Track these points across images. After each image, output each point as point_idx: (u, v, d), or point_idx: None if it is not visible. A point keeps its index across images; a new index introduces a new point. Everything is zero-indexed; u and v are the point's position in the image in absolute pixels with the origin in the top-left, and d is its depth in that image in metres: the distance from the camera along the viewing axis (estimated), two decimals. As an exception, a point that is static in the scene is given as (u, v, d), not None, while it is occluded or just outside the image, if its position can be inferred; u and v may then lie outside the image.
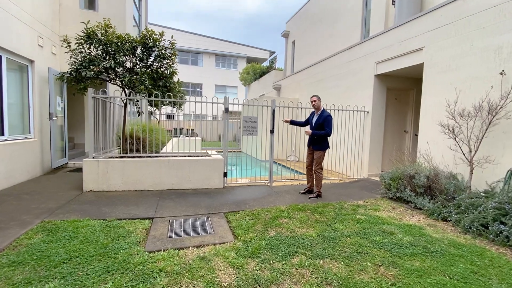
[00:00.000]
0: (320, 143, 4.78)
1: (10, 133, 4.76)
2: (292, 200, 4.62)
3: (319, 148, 4.78)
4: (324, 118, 4.72)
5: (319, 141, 4.77)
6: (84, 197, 4.29)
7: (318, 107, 4.83)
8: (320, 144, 4.78)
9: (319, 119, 4.75)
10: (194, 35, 25.68)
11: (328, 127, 4.70)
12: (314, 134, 4.73)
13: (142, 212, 3.78)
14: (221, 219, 3.68)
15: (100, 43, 4.68)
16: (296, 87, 10.63)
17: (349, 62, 7.23)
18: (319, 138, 4.76)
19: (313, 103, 4.85)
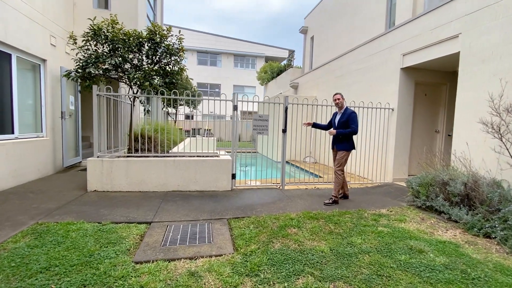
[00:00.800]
0: (345, 143, 4.36)
1: (20, 131, 4.79)
2: (304, 206, 4.18)
3: (343, 148, 4.36)
4: (348, 115, 4.32)
5: (343, 141, 4.36)
6: (87, 198, 4.16)
7: (341, 106, 4.44)
8: (344, 144, 4.37)
9: (343, 117, 4.35)
10: (213, 35, 25.81)
11: (354, 124, 4.28)
12: (339, 133, 4.32)
13: (141, 215, 3.55)
14: (223, 226, 3.35)
15: (107, 40, 4.56)
16: (314, 85, 10.10)
17: (371, 55, 6.61)
18: (344, 138, 4.35)
19: (336, 101, 4.43)
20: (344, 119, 4.35)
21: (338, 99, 4.42)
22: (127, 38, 4.66)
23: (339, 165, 4.38)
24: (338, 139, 4.42)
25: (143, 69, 4.82)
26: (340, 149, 4.39)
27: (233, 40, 26.24)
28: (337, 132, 4.34)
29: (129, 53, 4.67)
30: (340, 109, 4.48)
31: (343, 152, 4.37)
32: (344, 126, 4.35)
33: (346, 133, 4.30)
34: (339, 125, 4.41)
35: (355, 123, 4.29)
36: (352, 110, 4.40)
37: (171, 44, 5.06)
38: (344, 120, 4.34)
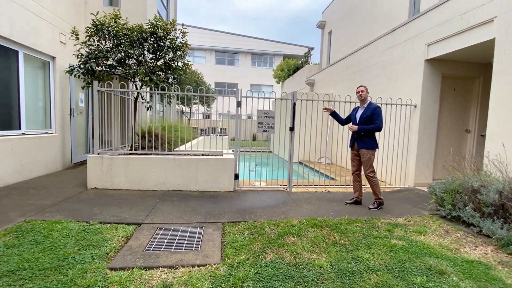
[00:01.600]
0: (368, 140, 3.96)
1: (27, 127, 4.85)
2: (310, 211, 3.80)
3: (365, 147, 3.96)
4: (373, 110, 3.93)
5: (366, 138, 3.96)
6: (84, 195, 4.09)
7: (365, 99, 4.04)
8: (367, 141, 3.96)
9: (366, 112, 3.96)
10: (230, 35, 25.79)
11: (379, 119, 3.89)
12: (362, 129, 3.92)
13: (133, 215, 3.38)
14: (216, 230, 3.08)
15: (109, 35, 4.47)
16: (330, 81, 9.57)
17: (392, 47, 6.03)
18: (367, 135, 3.95)
19: (360, 94, 4.04)
20: (368, 113, 3.94)
21: (362, 91, 4.01)
22: (130, 33, 4.55)
23: (368, 166, 3.97)
24: (360, 136, 4.01)
25: (145, 64, 4.69)
26: (363, 147, 3.98)
27: (251, 39, 26.03)
28: (359, 127, 3.94)
29: (132, 48, 4.55)
30: (362, 103, 4.07)
31: (367, 152, 3.96)
32: (367, 121, 3.94)
33: (369, 129, 3.89)
34: (361, 120, 4.00)
35: (379, 118, 3.88)
36: (376, 105, 3.99)
37: (174, 38, 4.88)
38: (368, 114, 3.93)
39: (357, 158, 4.14)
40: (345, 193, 4.90)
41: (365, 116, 3.97)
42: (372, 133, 3.97)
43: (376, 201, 4.03)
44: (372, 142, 3.97)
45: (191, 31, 20.54)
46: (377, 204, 4.00)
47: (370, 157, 3.96)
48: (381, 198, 4.03)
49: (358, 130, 3.96)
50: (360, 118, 4.03)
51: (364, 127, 3.93)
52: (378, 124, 3.88)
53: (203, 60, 25.44)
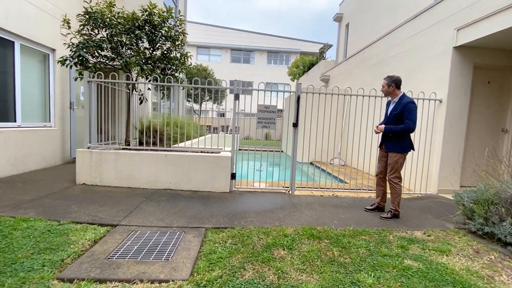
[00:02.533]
0: (396, 142, 3.39)
1: (23, 120, 4.76)
2: (311, 218, 3.31)
3: (395, 149, 3.38)
4: (403, 105, 3.31)
5: (396, 140, 3.39)
6: (70, 191, 3.88)
7: (392, 93, 3.45)
8: (395, 143, 3.39)
9: (396, 108, 3.38)
10: (246, 32, 25.49)
11: (410, 118, 3.27)
12: (388, 131, 3.38)
13: (111, 215, 3.09)
14: (197, 238, 2.69)
15: (103, 23, 4.24)
16: (346, 77, 8.90)
17: (414, 35, 5.34)
18: (395, 136, 3.38)
19: (382, 89, 3.51)
20: (397, 110, 3.34)
21: (382, 85, 3.48)
22: (125, 21, 4.30)
23: (393, 171, 3.39)
24: (388, 137, 3.45)
25: (140, 54, 4.42)
26: (392, 150, 3.41)
27: (267, 36, 25.56)
28: (386, 128, 3.39)
29: (125, 38, 4.29)
30: (393, 97, 3.47)
31: (397, 155, 3.37)
32: (397, 120, 3.35)
33: (398, 131, 3.30)
34: (391, 117, 3.43)
35: (412, 116, 3.27)
36: (410, 99, 3.36)
37: (171, 27, 4.57)
38: (398, 112, 3.33)
39: (384, 160, 3.56)
40: (355, 198, 4.34)
41: (395, 113, 3.36)
42: (402, 135, 3.36)
43: (391, 211, 3.46)
44: (401, 145, 3.37)
45: (207, 29, 20.61)
46: (391, 215, 3.44)
47: (398, 161, 3.36)
48: (398, 211, 3.46)
49: (385, 132, 3.40)
50: (390, 115, 3.45)
51: (391, 128, 3.34)
52: (409, 124, 3.24)
53: (218, 58, 25.36)
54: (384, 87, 3.47)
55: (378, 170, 3.66)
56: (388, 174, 3.46)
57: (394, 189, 3.42)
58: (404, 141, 3.39)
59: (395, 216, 3.45)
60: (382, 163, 3.61)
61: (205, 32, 25.05)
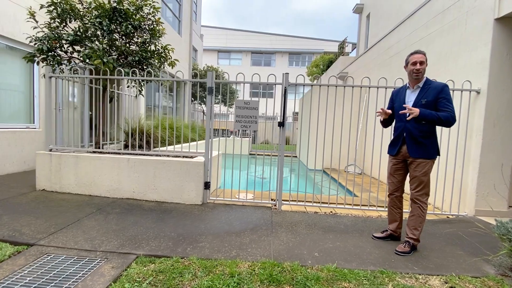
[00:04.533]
0: (428, 144, 2.39)
1: (1, 121, 4.55)
2: (284, 247, 2.48)
3: (426, 154, 2.39)
4: (439, 90, 2.35)
5: (426, 141, 2.39)
6: (20, 198, 3.47)
7: (419, 74, 2.40)
8: (427, 146, 2.39)
9: (427, 95, 2.38)
10: (267, 35, 24.96)
11: (450, 107, 2.33)
12: (426, 115, 2.29)
13: (36, 231, 2.56)
14: (115, 269, 2.03)
15: (69, 15, 3.87)
16: (364, 72, 7.79)
17: (443, 11, 4.24)
18: (428, 133, 2.39)
19: (418, 69, 2.38)
20: (430, 97, 2.35)
21: (421, 62, 2.37)
22: (91, 10, 3.88)
23: (421, 186, 2.41)
24: (412, 137, 2.40)
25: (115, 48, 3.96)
26: (420, 155, 2.39)
27: (289, 38, 24.76)
28: (421, 112, 2.28)
29: (91, 28, 3.86)
30: (416, 82, 2.45)
31: (426, 163, 2.39)
32: (430, 108, 2.36)
33: (440, 119, 2.29)
34: (420, 107, 2.38)
35: (451, 105, 2.35)
36: (444, 84, 2.41)
37: (144, 15, 4.07)
38: (430, 99, 2.35)
39: (401, 172, 2.58)
40: (359, 218, 3.38)
41: (424, 101, 2.37)
42: (432, 131, 2.41)
43: (410, 242, 2.47)
44: (434, 146, 2.43)
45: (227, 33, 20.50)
46: (410, 246, 2.45)
47: (428, 172, 2.40)
48: (419, 240, 2.50)
49: (420, 117, 2.29)
50: (414, 106, 2.40)
51: (431, 113, 2.30)
52: (452, 112, 2.32)
53: (239, 62, 25.10)
54: (423, 64, 2.37)
55: (393, 187, 2.63)
56: (414, 191, 2.45)
57: (421, 211, 2.43)
58: (434, 140, 2.43)
59: (413, 248, 2.48)
60: (398, 176, 2.59)
61: (225, 37, 25.01)
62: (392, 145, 2.60)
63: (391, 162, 2.62)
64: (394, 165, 2.59)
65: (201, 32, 15.64)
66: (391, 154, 2.60)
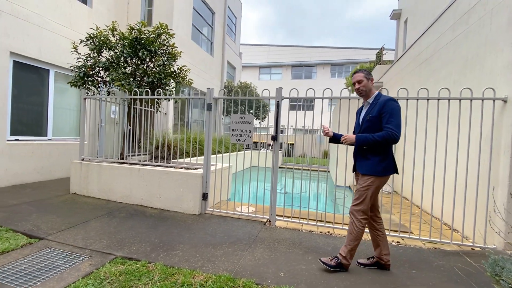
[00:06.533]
0: (371, 158, 2.32)
1: (54, 134, 5.57)
2: (252, 263, 2.45)
3: (367, 171, 2.33)
4: (381, 105, 2.28)
5: (370, 156, 2.34)
6: (54, 199, 4.14)
7: (367, 92, 2.40)
8: (371, 161, 2.32)
9: (371, 111, 2.35)
10: (307, 48, 24.92)
11: (392, 121, 2.22)
12: (363, 141, 2.31)
13: (51, 228, 3.05)
14: (92, 267, 2.30)
15: (104, 46, 4.62)
16: (397, 81, 7.19)
17: (468, 11, 3.73)
18: (371, 149, 2.33)
19: (357, 87, 2.40)
20: (374, 113, 2.31)
21: (359, 81, 2.38)
22: (120, 40, 4.57)
23: (359, 200, 2.31)
24: (361, 151, 2.40)
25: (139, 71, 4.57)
26: (363, 171, 2.36)
27: (330, 49, 24.25)
28: (358, 138, 2.32)
29: (121, 57, 4.53)
30: (365, 98, 2.43)
31: (367, 178, 2.31)
32: (374, 125, 2.31)
33: (376, 141, 2.24)
34: (365, 125, 2.38)
35: (394, 119, 2.23)
36: (390, 97, 2.33)
37: (162, 43, 4.60)
38: (374, 115, 2.30)
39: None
40: (361, 242, 3.08)
41: (369, 117, 2.33)
42: (380, 147, 2.29)
43: (337, 258, 2.34)
44: (380, 163, 2.29)
45: (268, 49, 21.21)
46: (336, 263, 2.32)
47: (369, 187, 2.28)
48: (347, 260, 2.33)
49: (358, 143, 2.34)
50: (362, 121, 2.42)
51: (366, 138, 2.28)
52: (390, 129, 2.19)
53: (279, 76, 25.48)
54: (362, 82, 2.36)
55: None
56: (352, 204, 2.36)
57: (353, 227, 2.31)
58: (382, 159, 2.28)
59: (340, 267, 2.32)
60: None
61: (267, 53, 25.81)
62: (354, 162, 2.55)
63: (355, 178, 2.56)
64: (356, 180, 2.52)
65: (240, 51, 16.49)
66: (353, 171, 2.58)
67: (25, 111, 5.09)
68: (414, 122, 3.29)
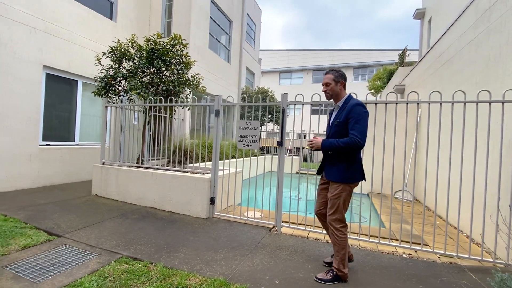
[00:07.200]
0: (338, 165, 2.31)
1: (81, 140, 6.02)
2: (250, 269, 2.47)
3: (336, 178, 2.31)
4: (348, 111, 2.26)
5: (337, 162, 2.33)
6: (76, 200, 4.45)
7: (336, 95, 2.41)
8: (338, 168, 2.31)
9: (339, 115, 2.33)
10: (328, 51, 24.51)
11: (357, 127, 2.18)
12: (327, 146, 2.29)
13: (69, 226, 3.29)
14: (99, 264, 2.45)
15: (124, 57, 4.94)
16: (419, 84, 6.84)
17: (490, 8, 3.48)
18: (338, 156, 2.32)
19: (324, 90, 2.45)
20: (341, 118, 2.29)
21: (326, 84, 2.41)
22: (138, 53, 4.87)
23: (333, 210, 2.31)
24: (328, 157, 2.41)
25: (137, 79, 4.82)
26: (331, 178, 2.35)
27: (353, 52, 23.64)
28: (324, 143, 2.31)
29: (138, 67, 4.81)
30: (335, 101, 2.44)
31: (337, 186, 2.30)
32: (341, 130, 2.29)
33: (340, 147, 2.21)
34: (333, 129, 2.39)
35: (360, 125, 2.18)
36: (358, 101, 2.30)
37: (175, 52, 4.82)
38: (342, 120, 2.28)
39: (323, 193, 2.52)
40: (362, 251, 2.98)
41: (337, 122, 2.33)
42: (347, 154, 2.26)
43: (332, 271, 2.28)
44: (348, 170, 2.27)
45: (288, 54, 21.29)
46: (332, 276, 2.26)
47: (340, 195, 2.27)
48: (342, 272, 2.25)
49: (323, 148, 2.31)
50: (331, 125, 2.45)
51: (331, 143, 2.26)
52: (355, 136, 2.15)
53: (300, 80, 25.30)
54: (329, 85, 2.37)
55: (318, 207, 2.58)
56: (328, 215, 2.37)
57: (336, 237, 2.28)
58: (350, 165, 2.27)
59: (338, 279, 2.25)
60: (321, 196, 2.55)
61: (287, 58, 25.80)
62: (321, 165, 2.57)
63: (320, 181, 2.61)
64: (321, 184, 2.58)
65: (260, 57, 16.67)
66: (317, 173, 2.64)
67: (55, 118, 5.58)
68: (437, 126, 3.11)
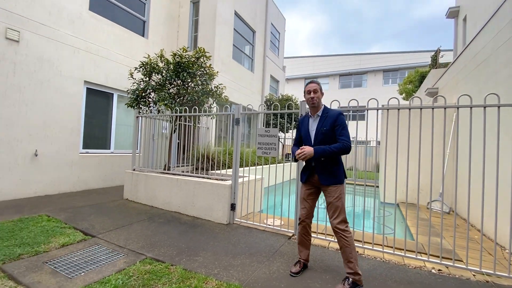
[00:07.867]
0: (334, 169, 2.46)
1: (116, 148, 6.52)
2: (266, 276, 2.49)
3: (334, 181, 2.44)
4: (334, 118, 2.45)
5: (331, 166, 2.46)
6: (109, 204, 4.81)
7: (318, 104, 2.56)
8: (333, 171, 2.46)
9: (326, 124, 2.47)
10: (355, 55, 23.85)
11: (344, 135, 2.41)
12: (321, 153, 2.37)
13: (102, 228, 3.59)
14: (126, 264, 2.63)
15: (153, 71, 5.33)
16: (453, 86, 6.40)
17: (530, 3, 3.21)
18: (331, 160, 2.45)
19: (311, 98, 2.51)
20: (327, 126, 2.45)
21: (315, 91, 2.52)
22: (166, 66, 5.22)
23: (337, 213, 2.40)
24: (321, 163, 2.48)
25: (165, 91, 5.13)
26: (329, 182, 2.45)
27: (382, 55, 22.75)
28: (317, 151, 2.36)
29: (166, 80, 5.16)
30: (315, 110, 2.58)
31: (338, 188, 2.43)
32: (328, 139, 2.46)
33: (334, 152, 2.37)
34: (320, 138, 2.49)
35: (347, 131, 2.45)
36: (339, 111, 2.50)
37: (200, 65, 5.09)
38: (328, 128, 2.45)
39: (311, 197, 2.60)
40: (385, 263, 2.85)
41: (324, 130, 2.46)
42: (337, 158, 2.50)
43: (349, 279, 2.26)
44: (340, 172, 2.48)
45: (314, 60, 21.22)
46: (351, 284, 2.23)
47: (341, 197, 2.41)
48: (359, 273, 2.29)
49: (317, 155, 2.37)
50: (317, 133, 2.51)
51: (324, 150, 2.37)
52: (345, 141, 2.38)
53: (326, 86, 24.85)
54: (317, 93, 2.52)
55: (306, 213, 2.61)
56: (332, 220, 2.42)
57: (345, 240, 2.33)
58: (340, 167, 2.48)
59: (356, 285, 2.24)
60: (309, 201, 2.60)
61: (312, 64, 25.60)
62: (303, 173, 2.64)
63: (304, 187, 2.64)
64: (307, 190, 2.61)
65: (284, 64, 16.78)
66: (302, 182, 2.66)
67: (94, 128, 6.13)
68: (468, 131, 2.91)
